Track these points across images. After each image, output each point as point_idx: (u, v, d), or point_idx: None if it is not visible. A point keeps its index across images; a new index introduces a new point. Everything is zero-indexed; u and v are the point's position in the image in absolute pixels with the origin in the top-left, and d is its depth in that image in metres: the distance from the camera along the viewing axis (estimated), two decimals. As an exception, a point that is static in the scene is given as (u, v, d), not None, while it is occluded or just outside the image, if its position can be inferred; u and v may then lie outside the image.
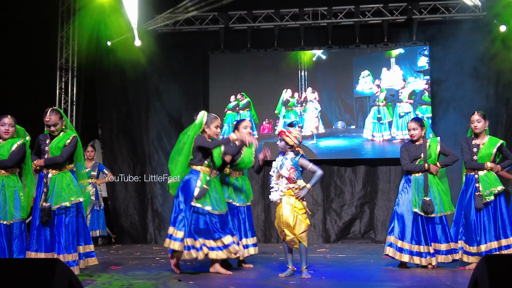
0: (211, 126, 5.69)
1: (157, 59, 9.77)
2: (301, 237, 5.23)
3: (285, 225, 5.23)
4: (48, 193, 5.25)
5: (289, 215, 5.22)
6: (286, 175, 5.26)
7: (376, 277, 5.47)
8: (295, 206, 5.25)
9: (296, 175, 5.25)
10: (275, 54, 9.77)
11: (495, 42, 9.17)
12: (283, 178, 5.28)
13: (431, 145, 5.93)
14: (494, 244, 5.71)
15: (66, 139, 5.38)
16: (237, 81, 9.82)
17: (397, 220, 5.97)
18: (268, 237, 9.61)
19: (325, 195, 9.63)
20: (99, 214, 8.54)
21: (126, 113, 10.07)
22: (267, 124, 9.68)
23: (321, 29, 9.79)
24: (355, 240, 9.43)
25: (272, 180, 5.38)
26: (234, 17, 9.77)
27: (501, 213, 5.78)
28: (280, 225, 5.29)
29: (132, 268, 6.16)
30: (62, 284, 3.07)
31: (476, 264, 3.05)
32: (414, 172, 5.93)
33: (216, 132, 5.74)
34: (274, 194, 5.31)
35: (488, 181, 5.79)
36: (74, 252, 5.21)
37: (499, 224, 5.76)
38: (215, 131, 5.72)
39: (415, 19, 9.39)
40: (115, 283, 5.04)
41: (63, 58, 9.93)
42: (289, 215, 5.22)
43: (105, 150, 9.98)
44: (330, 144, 9.52)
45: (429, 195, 5.80)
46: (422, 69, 9.40)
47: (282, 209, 5.27)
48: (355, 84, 9.57)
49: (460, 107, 9.12)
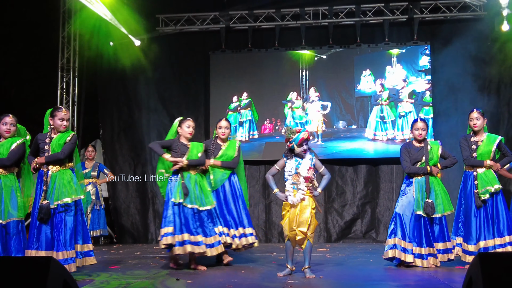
0: (183, 126, 6.06)
1: (158, 59, 9.79)
2: (311, 237, 5.27)
3: (301, 225, 5.22)
4: (49, 190, 5.26)
5: (308, 215, 5.23)
6: (306, 174, 5.27)
7: (374, 276, 5.46)
8: (312, 206, 5.28)
9: (313, 175, 5.30)
10: (276, 53, 9.77)
11: (497, 41, 9.14)
12: (302, 177, 5.28)
13: (432, 147, 5.92)
14: (491, 242, 5.70)
15: (66, 137, 5.40)
16: (238, 81, 9.82)
17: (399, 221, 5.95)
18: (269, 237, 9.60)
19: (327, 194, 9.61)
20: (99, 214, 8.55)
21: (127, 113, 10.09)
22: (268, 124, 9.68)
23: (322, 28, 9.78)
24: (356, 240, 9.41)
25: (288, 181, 5.35)
26: (235, 17, 9.77)
27: (497, 212, 5.77)
28: (292, 224, 5.26)
29: (132, 267, 6.17)
30: (57, 282, 3.07)
31: (471, 262, 3.04)
32: (417, 174, 5.91)
33: (188, 132, 6.07)
34: (298, 194, 5.27)
35: (486, 179, 5.79)
36: (72, 250, 5.22)
37: (496, 222, 5.74)
38: (186, 131, 6.06)
39: (416, 19, 9.36)
40: (113, 282, 5.05)
41: (65, 58, 9.95)
42: (308, 216, 5.23)
43: (106, 150, 9.99)
44: (331, 143, 9.51)
45: (431, 196, 5.78)
46: (423, 69, 9.37)
47: (301, 209, 5.26)
48: (356, 84, 9.55)
49: (462, 107, 9.09)
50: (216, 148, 6.49)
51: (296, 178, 5.30)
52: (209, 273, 5.71)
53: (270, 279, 5.22)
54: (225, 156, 6.48)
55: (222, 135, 6.50)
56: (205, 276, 5.53)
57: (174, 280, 5.15)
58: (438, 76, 9.36)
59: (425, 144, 5.93)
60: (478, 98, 9.20)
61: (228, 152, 6.50)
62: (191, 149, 6.04)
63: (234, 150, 6.52)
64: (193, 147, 6.06)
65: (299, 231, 5.23)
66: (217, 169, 6.45)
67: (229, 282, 5.00)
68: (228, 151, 6.50)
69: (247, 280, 5.26)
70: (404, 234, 5.86)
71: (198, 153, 6.05)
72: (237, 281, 5.12)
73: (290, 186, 5.33)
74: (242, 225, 6.40)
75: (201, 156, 6.07)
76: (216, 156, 6.44)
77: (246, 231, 6.41)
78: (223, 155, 6.47)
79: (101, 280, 5.21)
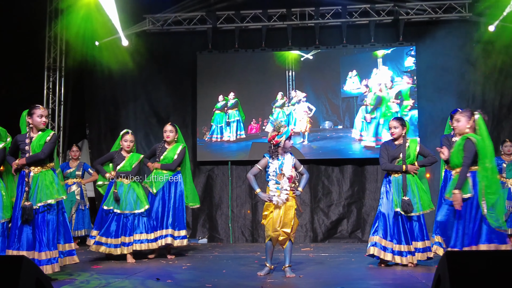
0: (122, 140, 6.82)
1: (145, 59, 9.80)
2: (293, 236, 5.33)
3: (285, 226, 5.26)
4: (30, 191, 5.25)
5: (292, 216, 5.28)
6: (289, 174, 5.30)
7: (355, 276, 5.49)
8: (294, 206, 5.31)
9: (296, 175, 5.34)
10: (263, 54, 9.80)
11: (481, 42, 9.20)
12: (285, 178, 5.30)
13: (410, 145, 5.96)
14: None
15: (46, 136, 5.39)
16: (225, 81, 9.84)
17: (381, 220, 6.01)
18: (256, 236, 9.62)
19: (313, 195, 9.65)
20: (84, 214, 8.52)
21: (114, 113, 10.09)
22: (255, 124, 9.70)
23: (309, 29, 9.82)
24: (342, 240, 9.45)
25: (272, 182, 5.37)
26: (222, 17, 9.79)
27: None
28: (275, 225, 5.28)
29: (113, 267, 6.18)
30: (29, 281, 3.09)
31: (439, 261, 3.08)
32: (393, 172, 5.97)
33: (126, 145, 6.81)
34: (282, 195, 5.30)
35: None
36: (55, 250, 5.22)
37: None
38: (125, 144, 6.81)
39: (402, 20, 9.43)
40: (93, 282, 5.06)
41: (51, 58, 9.94)
42: (292, 216, 5.28)
43: (93, 150, 9.99)
44: (317, 144, 9.55)
45: (408, 194, 5.84)
46: (408, 69, 9.43)
47: (285, 210, 5.30)
48: (342, 84, 9.59)
49: (447, 107, 9.12)
50: (161, 151, 7.06)
51: (280, 178, 5.33)
52: (189, 272, 5.73)
53: (250, 278, 5.24)
54: (167, 158, 7.02)
55: (167, 138, 7.07)
56: (185, 275, 5.55)
57: (154, 280, 5.16)
58: (423, 77, 9.41)
59: (403, 142, 5.98)
60: (462, 99, 9.28)
61: (170, 154, 7.04)
62: (126, 161, 6.76)
63: (175, 152, 7.03)
64: (128, 159, 6.78)
65: (283, 231, 5.26)
66: (159, 172, 6.98)
67: (208, 281, 5.02)
68: (169, 154, 7.04)
69: (227, 279, 5.28)
70: (385, 233, 5.91)
71: (132, 164, 6.73)
72: (217, 280, 5.14)
73: (274, 187, 5.35)
74: (172, 227, 6.91)
75: (134, 167, 6.74)
76: (160, 158, 7.02)
77: (175, 233, 6.93)
78: (165, 158, 7.01)
79: (81, 279, 5.21)
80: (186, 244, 7.09)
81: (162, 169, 6.99)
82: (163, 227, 6.91)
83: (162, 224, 6.92)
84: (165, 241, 6.88)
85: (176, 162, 7.00)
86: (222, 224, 9.71)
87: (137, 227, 6.63)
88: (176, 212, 6.97)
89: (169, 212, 6.95)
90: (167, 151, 7.05)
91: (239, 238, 9.64)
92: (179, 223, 6.99)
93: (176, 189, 7.00)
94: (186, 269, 5.97)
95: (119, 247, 6.53)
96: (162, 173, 6.99)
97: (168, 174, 6.98)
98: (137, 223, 6.65)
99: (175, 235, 6.94)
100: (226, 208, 9.74)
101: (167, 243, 6.90)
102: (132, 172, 6.72)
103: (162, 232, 6.90)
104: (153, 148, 7.37)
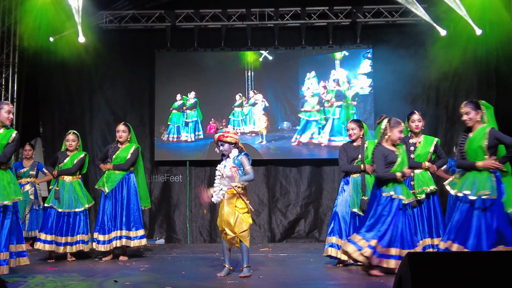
0: (65, 141, 7.04)
1: (101, 56, 9.55)
2: (242, 236, 5.28)
3: (226, 224, 5.28)
4: None
5: (230, 214, 5.27)
6: (229, 174, 5.30)
7: (313, 276, 5.55)
8: (236, 205, 5.29)
9: (238, 174, 5.31)
10: (222, 54, 9.76)
11: (436, 46, 9.40)
12: (226, 178, 5.30)
13: (369, 146, 6.05)
14: (428, 241, 5.89)
15: (8, 137, 5.24)
16: (183, 80, 9.76)
17: (336, 220, 6.09)
18: (214, 237, 9.57)
19: (271, 195, 9.68)
20: (38, 214, 8.29)
21: (69, 111, 9.85)
22: (214, 124, 9.66)
23: (268, 30, 9.83)
24: (299, 240, 9.50)
25: (216, 182, 5.43)
26: (181, 16, 9.70)
27: (435, 212, 5.95)
28: (221, 224, 5.34)
29: (69, 269, 6.06)
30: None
31: (401, 261, 3.13)
32: (352, 172, 6.06)
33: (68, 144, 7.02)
34: (215, 195, 5.36)
35: (422, 179, 5.98)
36: (6, 251, 5.08)
37: (433, 223, 5.92)
38: (67, 144, 7.00)
39: (359, 23, 9.55)
40: (49, 285, 4.95)
41: (4, 54, 9.63)
42: (231, 214, 5.27)
43: (47, 148, 9.72)
44: (275, 144, 9.58)
45: (366, 194, 5.92)
46: (365, 72, 9.56)
47: (224, 208, 5.32)
48: (301, 85, 9.66)
49: (402, 110, 9.27)
50: (114, 151, 7.01)
51: (221, 178, 5.37)
52: (148, 273, 5.66)
53: (210, 279, 5.23)
54: (119, 158, 6.97)
55: (119, 138, 7.03)
56: (143, 277, 5.48)
57: (111, 281, 5.07)
58: (380, 79, 9.54)
59: (362, 143, 6.07)
60: (418, 101, 9.47)
61: (122, 154, 6.99)
62: (68, 159, 6.90)
63: (128, 152, 6.98)
64: (70, 157, 6.92)
65: (227, 229, 5.28)
66: (111, 172, 6.95)
67: (168, 283, 4.97)
68: (122, 153, 6.99)
69: (186, 280, 5.24)
70: (341, 233, 5.99)
71: (73, 162, 6.88)
72: (176, 281, 5.10)
73: (216, 186, 5.43)
74: (126, 227, 6.86)
75: (75, 163, 6.90)
76: (112, 158, 6.99)
77: (131, 234, 6.88)
78: (117, 157, 6.96)
79: (36, 282, 5.08)
80: (144, 244, 7.00)
81: (114, 169, 6.92)
82: (117, 228, 6.82)
83: (115, 225, 6.82)
84: (120, 243, 6.79)
85: (129, 162, 6.92)
86: (180, 224, 9.63)
87: (78, 227, 6.79)
88: (130, 212, 6.87)
89: (122, 212, 6.86)
90: (119, 151, 6.97)
91: (197, 239, 9.58)
92: (136, 223, 6.89)
93: (129, 189, 6.92)
94: (144, 271, 5.91)
95: (62, 246, 6.72)
96: (114, 173, 6.91)
97: (121, 174, 6.91)
98: (78, 223, 6.80)
99: (131, 235, 6.85)
100: (184, 208, 9.66)
101: (122, 245, 6.81)
102: (73, 168, 6.86)
103: (117, 233, 6.81)
104: (105, 149, 7.27)
